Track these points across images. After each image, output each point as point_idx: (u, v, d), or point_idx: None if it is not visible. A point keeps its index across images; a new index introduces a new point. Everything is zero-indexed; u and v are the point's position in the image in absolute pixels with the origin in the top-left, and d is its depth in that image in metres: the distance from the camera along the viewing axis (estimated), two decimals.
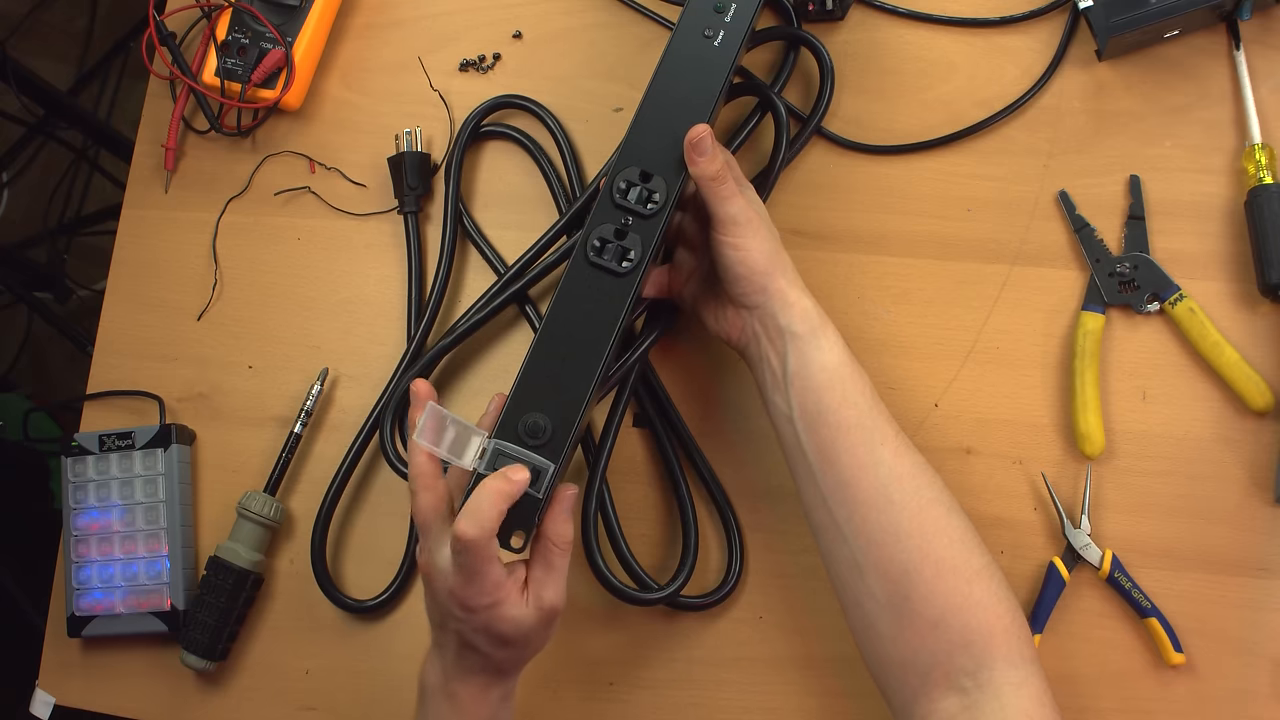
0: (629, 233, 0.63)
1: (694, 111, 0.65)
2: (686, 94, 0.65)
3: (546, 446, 0.60)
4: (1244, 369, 0.70)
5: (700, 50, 0.66)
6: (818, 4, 0.77)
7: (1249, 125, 0.72)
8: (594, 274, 0.63)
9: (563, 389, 0.61)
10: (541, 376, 0.61)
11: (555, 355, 0.62)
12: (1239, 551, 0.69)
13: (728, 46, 0.66)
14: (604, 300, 0.63)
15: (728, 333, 0.68)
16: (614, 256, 0.63)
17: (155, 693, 0.79)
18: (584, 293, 0.63)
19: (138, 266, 0.85)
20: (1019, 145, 0.76)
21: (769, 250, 0.65)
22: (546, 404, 0.61)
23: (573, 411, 0.60)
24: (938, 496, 0.62)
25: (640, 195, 0.64)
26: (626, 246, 0.63)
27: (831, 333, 0.65)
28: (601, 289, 0.63)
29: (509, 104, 0.82)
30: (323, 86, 0.85)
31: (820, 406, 0.63)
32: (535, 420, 0.60)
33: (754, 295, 0.65)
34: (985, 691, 0.57)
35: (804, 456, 0.64)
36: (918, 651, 0.59)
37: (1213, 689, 0.68)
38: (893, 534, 0.61)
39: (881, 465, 0.62)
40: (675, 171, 0.64)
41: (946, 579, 0.60)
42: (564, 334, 0.62)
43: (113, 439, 0.80)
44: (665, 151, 0.64)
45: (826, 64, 0.76)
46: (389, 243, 0.82)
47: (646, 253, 0.63)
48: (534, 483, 0.59)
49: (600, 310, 0.62)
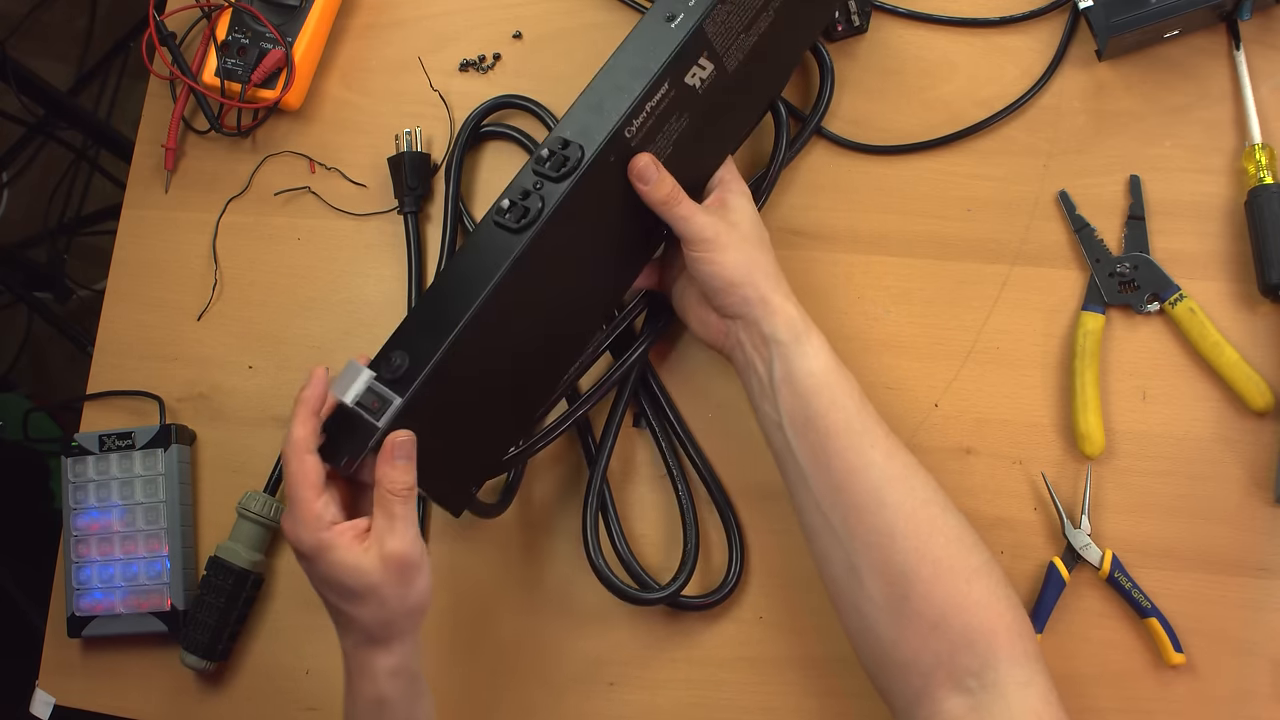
0: (533, 194, 0.63)
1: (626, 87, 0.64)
2: (628, 71, 0.65)
3: (398, 382, 0.60)
4: (1244, 369, 0.70)
5: (658, 31, 0.66)
6: (845, 24, 0.77)
7: (1249, 125, 0.72)
8: (493, 231, 0.63)
9: (429, 331, 0.61)
10: (417, 319, 0.63)
11: (435, 301, 0.62)
12: (1239, 551, 0.69)
13: (681, 28, 0.65)
14: (494, 254, 0.63)
15: (713, 339, 0.69)
16: (515, 216, 0.63)
17: (155, 693, 0.79)
18: (480, 247, 0.63)
19: (138, 266, 0.85)
20: (1019, 145, 0.76)
21: (743, 260, 0.65)
22: (411, 344, 0.61)
23: (430, 351, 0.61)
24: (932, 496, 0.62)
25: (556, 160, 0.64)
26: (527, 206, 0.63)
27: (816, 338, 0.64)
28: (495, 244, 0.63)
29: (509, 104, 0.81)
30: (323, 86, 0.85)
31: (809, 412, 0.63)
32: (393, 357, 0.61)
33: (735, 305, 0.65)
34: (991, 692, 0.57)
35: (795, 462, 0.64)
36: (919, 653, 0.59)
37: (1213, 689, 0.68)
38: (888, 535, 0.60)
39: (873, 467, 0.62)
40: (594, 142, 0.64)
41: (945, 578, 0.59)
42: (449, 285, 0.63)
43: (113, 439, 0.80)
44: (593, 123, 0.64)
45: (826, 64, 0.76)
46: (389, 243, 0.82)
47: (544, 211, 0.63)
48: (376, 412, 0.60)
49: (487, 262, 0.62)
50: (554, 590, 0.75)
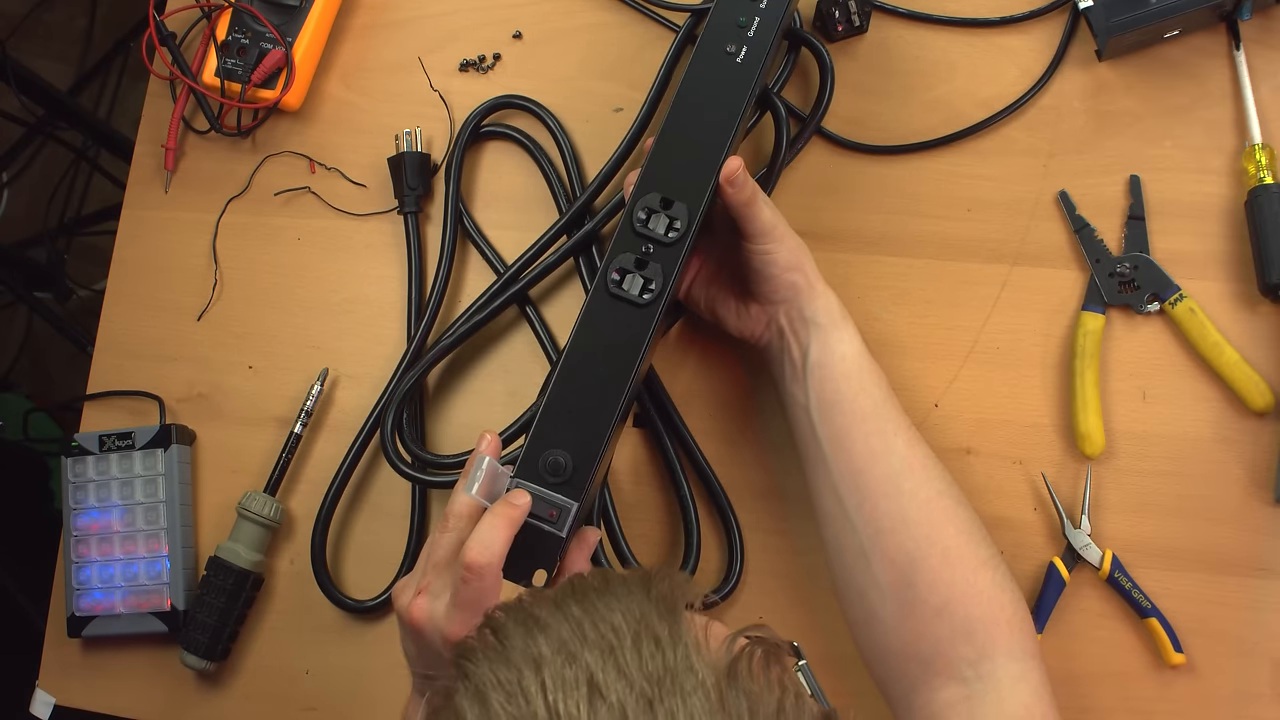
0: (649, 262, 0.62)
1: (717, 133, 0.63)
2: (708, 115, 0.63)
3: (568, 484, 0.59)
4: (1244, 369, 0.70)
5: (722, 67, 0.64)
6: (846, 24, 0.77)
7: (1249, 125, 0.72)
8: (614, 305, 0.61)
9: (583, 425, 0.59)
10: (562, 412, 0.60)
11: (575, 389, 0.60)
12: (1239, 551, 0.69)
13: (751, 62, 0.64)
14: (625, 332, 0.61)
15: (751, 329, 0.69)
16: (635, 287, 0.61)
17: (155, 693, 0.79)
18: (604, 324, 0.61)
19: (138, 266, 0.85)
20: (1019, 145, 0.76)
21: (795, 246, 0.67)
22: (567, 441, 0.59)
23: (593, 448, 0.59)
24: (946, 489, 0.63)
25: (661, 223, 0.62)
26: (648, 276, 0.61)
27: (851, 326, 0.66)
28: (622, 320, 0.61)
29: (509, 104, 0.81)
30: (323, 86, 0.85)
31: (838, 395, 0.64)
32: (556, 458, 0.59)
33: (783, 290, 0.67)
34: (985, 682, 0.58)
35: (817, 444, 0.64)
36: (920, 638, 0.60)
37: (1213, 689, 0.68)
38: (901, 521, 0.61)
39: (894, 454, 0.63)
40: (698, 197, 0.62)
41: (953, 567, 0.60)
42: (584, 367, 0.60)
43: (113, 439, 0.80)
44: (688, 177, 0.62)
45: (826, 64, 0.76)
46: (389, 243, 0.82)
47: (669, 282, 0.61)
48: (556, 522, 0.58)
49: (621, 342, 0.61)
50: None
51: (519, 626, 0.43)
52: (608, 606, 0.43)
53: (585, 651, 0.41)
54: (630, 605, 0.43)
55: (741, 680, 0.40)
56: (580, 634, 0.41)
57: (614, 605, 0.43)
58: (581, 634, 0.41)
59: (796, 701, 0.41)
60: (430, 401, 0.79)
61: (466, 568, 0.55)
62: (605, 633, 0.41)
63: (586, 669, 0.40)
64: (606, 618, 0.42)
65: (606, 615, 0.42)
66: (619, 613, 0.42)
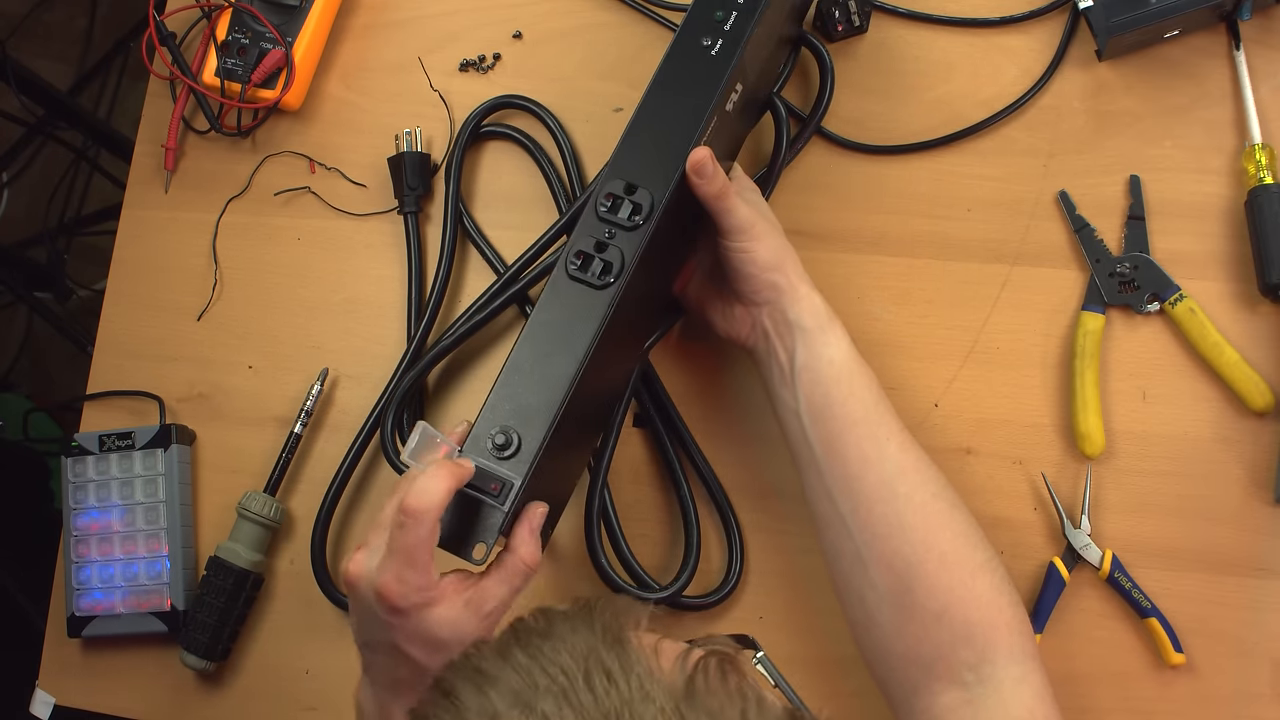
0: (609, 245, 0.62)
1: (687, 124, 0.63)
2: (679, 106, 0.63)
3: (514, 460, 0.59)
4: (1244, 369, 0.70)
5: (696, 59, 0.64)
6: (846, 24, 0.77)
7: (1249, 125, 0.72)
8: (572, 287, 0.62)
9: (534, 403, 0.60)
10: (514, 390, 0.60)
11: (528, 369, 0.60)
12: (1239, 551, 0.69)
13: (724, 55, 0.64)
14: (581, 314, 0.61)
15: (737, 331, 0.69)
16: (593, 270, 0.62)
17: (155, 693, 0.79)
18: (562, 306, 0.61)
19: (138, 266, 0.85)
20: (1019, 145, 0.76)
21: (775, 246, 0.66)
22: (517, 418, 0.59)
23: (541, 424, 0.59)
24: (941, 491, 0.63)
25: (624, 208, 0.62)
26: (607, 260, 0.62)
27: (839, 328, 0.65)
28: (580, 303, 0.61)
29: (509, 104, 0.81)
30: (323, 86, 0.85)
31: (827, 400, 0.64)
32: (504, 434, 0.59)
33: (764, 291, 0.66)
34: (986, 686, 0.58)
35: (810, 450, 0.64)
36: (920, 643, 0.60)
37: (1213, 689, 0.68)
38: (897, 526, 0.61)
39: (887, 459, 0.62)
40: (662, 184, 0.62)
41: (951, 571, 0.60)
42: (540, 348, 0.61)
43: (113, 439, 0.80)
44: (653, 164, 0.63)
45: (826, 64, 0.76)
46: (389, 243, 0.82)
47: (625, 266, 0.61)
48: (499, 496, 0.58)
49: (577, 324, 0.61)
50: (555, 590, 0.75)
51: (468, 684, 0.42)
52: (553, 649, 0.42)
53: (539, 700, 0.40)
54: (576, 643, 0.42)
55: (700, 698, 0.40)
56: (531, 682, 0.41)
57: (559, 646, 0.42)
58: (532, 681, 0.41)
59: (759, 707, 0.41)
60: (430, 401, 0.79)
61: (403, 510, 0.54)
62: (556, 676, 0.40)
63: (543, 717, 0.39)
64: (554, 660, 0.41)
65: (553, 658, 0.41)
66: (564, 653, 0.41)
